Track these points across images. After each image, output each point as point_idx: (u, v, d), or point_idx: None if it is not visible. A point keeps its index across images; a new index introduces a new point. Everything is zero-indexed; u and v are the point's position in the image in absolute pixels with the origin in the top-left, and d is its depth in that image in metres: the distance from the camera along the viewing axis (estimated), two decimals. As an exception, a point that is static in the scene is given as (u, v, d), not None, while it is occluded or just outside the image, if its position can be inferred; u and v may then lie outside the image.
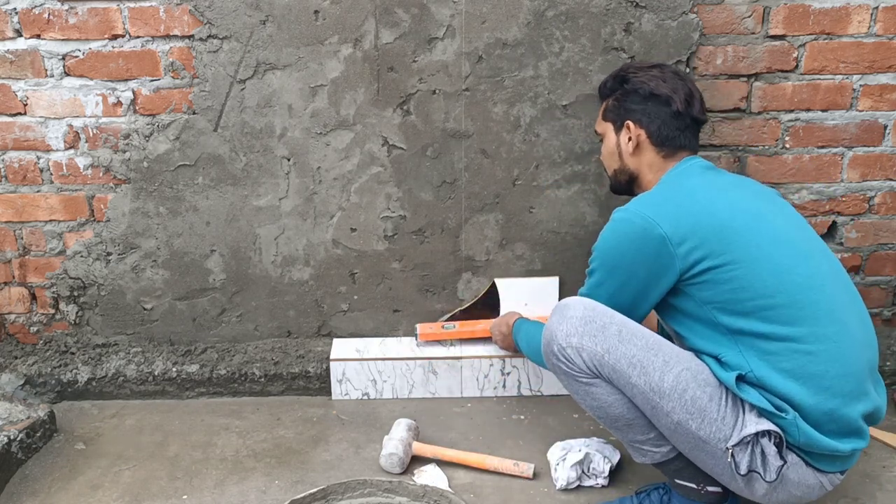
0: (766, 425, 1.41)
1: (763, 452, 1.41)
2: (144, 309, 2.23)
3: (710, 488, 1.55)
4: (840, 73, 2.03)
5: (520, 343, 1.91)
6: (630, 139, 1.67)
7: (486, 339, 2.16)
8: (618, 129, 1.71)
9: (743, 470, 1.42)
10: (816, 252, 1.52)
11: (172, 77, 2.02)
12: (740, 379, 1.44)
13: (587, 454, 1.77)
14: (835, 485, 1.49)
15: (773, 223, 1.51)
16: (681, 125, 1.64)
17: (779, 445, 1.41)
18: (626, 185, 1.75)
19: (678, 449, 1.52)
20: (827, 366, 1.42)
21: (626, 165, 1.71)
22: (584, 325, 1.50)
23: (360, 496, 1.63)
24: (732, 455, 1.42)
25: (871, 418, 1.48)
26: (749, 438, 1.41)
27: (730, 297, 1.45)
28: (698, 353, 1.51)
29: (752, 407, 1.43)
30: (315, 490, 1.60)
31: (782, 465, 1.40)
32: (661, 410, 1.46)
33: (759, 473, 1.42)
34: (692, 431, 1.45)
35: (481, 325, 2.16)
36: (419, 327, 2.19)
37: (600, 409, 1.54)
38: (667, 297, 1.54)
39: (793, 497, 1.47)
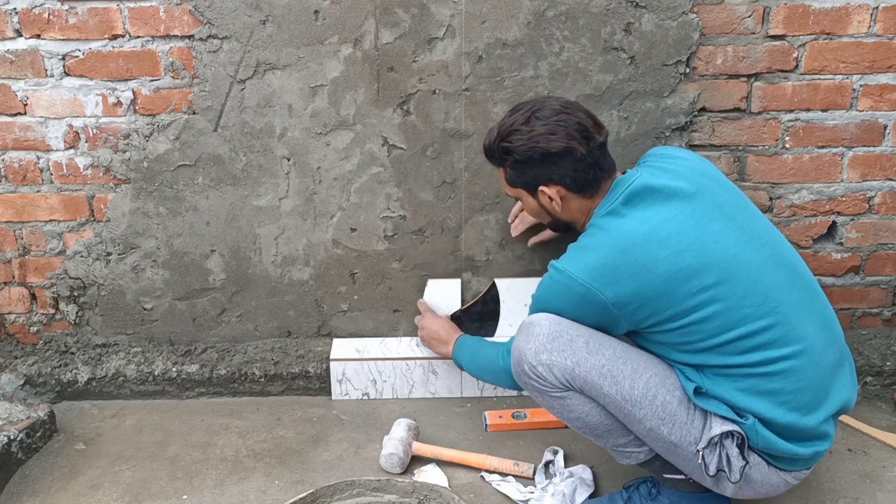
0: (730, 427, 1.44)
1: (727, 454, 1.44)
2: (144, 309, 2.23)
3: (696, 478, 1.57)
4: (840, 73, 2.03)
5: (462, 360, 1.92)
6: (552, 199, 1.59)
7: (559, 427, 2.00)
8: (532, 194, 1.62)
9: (712, 471, 1.45)
10: (770, 263, 1.47)
11: (172, 77, 2.02)
12: (698, 391, 1.47)
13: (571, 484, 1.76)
14: (800, 479, 1.54)
15: (720, 244, 1.44)
16: (592, 162, 1.54)
17: (741, 447, 1.45)
18: (566, 229, 1.73)
19: (655, 451, 1.55)
20: (782, 384, 1.43)
21: (559, 219, 1.67)
22: (552, 340, 1.51)
23: (350, 497, 1.63)
24: (703, 457, 1.45)
25: (837, 416, 1.52)
26: (716, 440, 1.44)
27: (682, 340, 1.46)
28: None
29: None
30: (304, 494, 1.59)
31: (744, 466, 1.44)
32: (634, 417, 1.48)
33: (724, 472, 1.45)
34: (664, 436, 1.48)
35: None
36: (487, 416, 2.04)
37: (578, 419, 1.56)
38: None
39: (759, 493, 1.52)
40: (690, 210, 1.47)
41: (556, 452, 1.85)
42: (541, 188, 1.58)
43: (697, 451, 1.45)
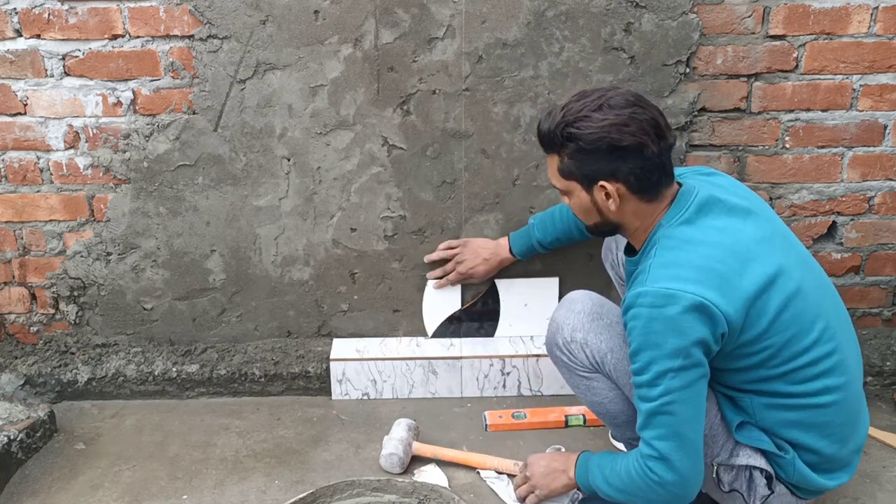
0: (758, 461, 1.42)
1: (751, 480, 1.43)
2: (144, 309, 2.23)
3: None
4: (840, 73, 2.03)
5: (594, 481, 1.50)
6: (608, 196, 1.42)
7: (559, 427, 2.02)
8: (587, 188, 1.44)
9: (725, 488, 1.44)
10: (819, 285, 1.45)
11: (172, 77, 2.02)
12: (742, 425, 1.43)
13: None
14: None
15: (787, 262, 1.40)
16: (659, 164, 1.40)
17: (768, 479, 1.43)
18: (610, 233, 1.55)
19: None
20: (833, 416, 1.41)
21: (608, 220, 1.48)
22: (591, 321, 1.51)
23: (350, 497, 1.63)
24: (717, 472, 1.43)
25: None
26: (741, 467, 1.42)
27: (758, 363, 1.39)
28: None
29: None
30: (304, 494, 1.59)
31: (769, 496, 1.42)
32: None
33: (741, 494, 1.43)
34: None
35: (554, 415, 2.03)
36: (488, 416, 2.04)
37: (601, 404, 1.55)
38: None
39: None
40: (754, 224, 1.41)
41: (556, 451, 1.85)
42: (601, 183, 1.40)
43: (713, 464, 1.43)
